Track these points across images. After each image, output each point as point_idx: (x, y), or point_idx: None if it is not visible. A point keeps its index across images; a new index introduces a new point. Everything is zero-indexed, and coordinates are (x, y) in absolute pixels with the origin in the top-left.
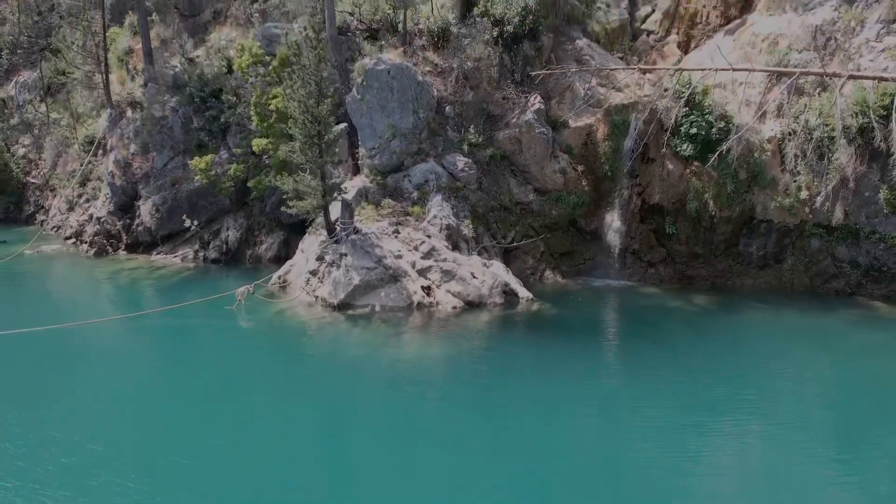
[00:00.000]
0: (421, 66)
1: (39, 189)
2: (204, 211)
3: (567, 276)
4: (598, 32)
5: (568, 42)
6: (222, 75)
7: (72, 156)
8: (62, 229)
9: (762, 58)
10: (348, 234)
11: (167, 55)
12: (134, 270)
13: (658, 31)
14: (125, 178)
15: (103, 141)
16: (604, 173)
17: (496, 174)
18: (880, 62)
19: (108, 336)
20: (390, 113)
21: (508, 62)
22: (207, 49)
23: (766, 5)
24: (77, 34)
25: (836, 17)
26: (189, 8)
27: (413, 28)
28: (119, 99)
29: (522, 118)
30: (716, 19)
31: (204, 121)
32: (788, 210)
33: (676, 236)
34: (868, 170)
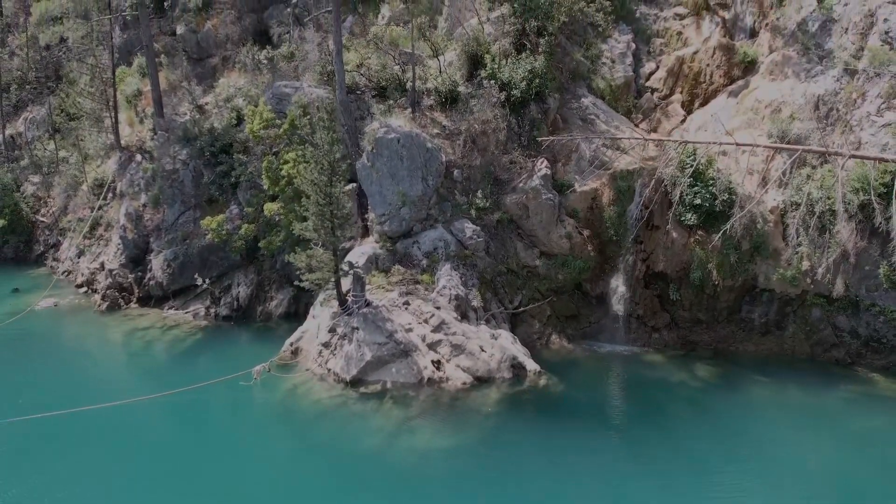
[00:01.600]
0: (429, 129)
1: (49, 228)
2: (215, 266)
3: (573, 340)
4: (602, 89)
5: (573, 100)
6: (232, 127)
7: (81, 198)
8: (73, 274)
9: (764, 125)
10: (360, 306)
11: (176, 100)
12: (147, 331)
13: (662, 90)
14: (136, 231)
15: (113, 185)
16: (609, 238)
17: (503, 238)
18: (881, 137)
19: (123, 419)
20: (400, 181)
21: (515, 125)
22: (216, 96)
23: (769, 69)
24: (85, 69)
25: (837, 87)
26: (197, 51)
27: (421, 87)
28: (128, 143)
29: (529, 183)
30: (719, 79)
31: (215, 175)
32: (790, 281)
33: (680, 302)
34: (868, 245)
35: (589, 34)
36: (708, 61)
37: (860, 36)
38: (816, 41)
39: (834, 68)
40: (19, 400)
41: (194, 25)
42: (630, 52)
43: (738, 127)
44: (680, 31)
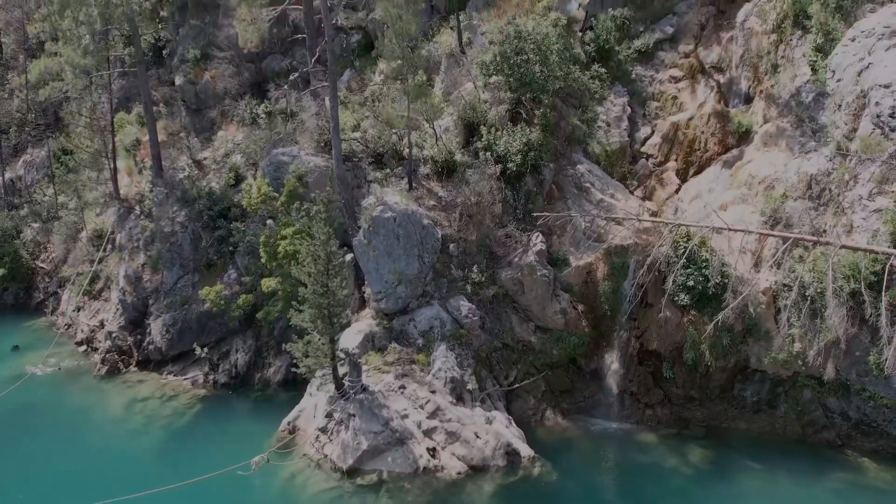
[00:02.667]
0: (426, 200)
1: (49, 275)
2: (213, 332)
3: (568, 415)
4: (598, 154)
5: (569, 166)
6: (230, 188)
7: (81, 250)
8: (73, 328)
9: (758, 201)
10: (356, 391)
11: (174, 153)
12: (146, 402)
13: (657, 156)
14: (135, 293)
15: (112, 236)
16: (603, 312)
17: (499, 312)
18: (872, 222)
19: None
20: (396, 259)
21: (511, 198)
22: (214, 150)
23: (763, 139)
24: (84, 112)
25: (830, 168)
26: (196, 102)
27: (418, 154)
28: (127, 193)
29: (525, 259)
30: (714, 147)
31: (213, 239)
32: (782, 364)
33: (673, 380)
34: (859, 331)
35: (585, 97)
36: (703, 128)
37: (853, 117)
38: (810, 114)
39: (827, 146)
40: (19, 495)
41: (192, 77)
42: (625, 116)
43: (731, 201)
44: (675, 96)
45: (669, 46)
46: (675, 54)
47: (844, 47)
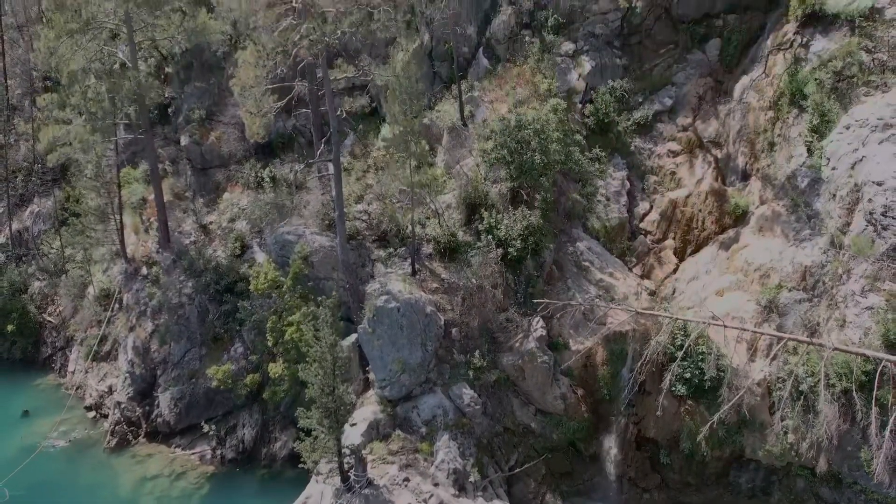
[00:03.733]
0: (429, 283)
1: (56, 330)
2: (220, 405)
3: (567, 498)
4: (598, 230)
5: (569, 243)
6: (235, 258)
7: (88, 309)
8: (81, 390)
9: (753, 289)
10: (361, 486)
11: (180, 214)
12: (156, 481)
13: (655, 233)
14: (143, 364)
15: (119, 296)
16: (602, 397)
17: (500, 396)
18: (864, 319)
19: None
20: (400, 348)
21: (512, 282)
22: (220, 214)
23: (759, 223)
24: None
25: (824, 260)
26: (201, 162)
27: (421, 233)
28: (133, 252)
29: (525, 345)
30: (711, 225)
31: (220, 313)
32: (777, 457)
33: (670, 466)
34: (851, 427)
35: (585, 172)
36: (700, 206)
37: (847, 210)
38: (806, 199)
39: (821, 235)
40: None
41: (198, 138)
42: (624, 191)
43: (727, 287)
44: (673, 171)
45: (668, 118)
46: (674, 127)
47: (839, 135)
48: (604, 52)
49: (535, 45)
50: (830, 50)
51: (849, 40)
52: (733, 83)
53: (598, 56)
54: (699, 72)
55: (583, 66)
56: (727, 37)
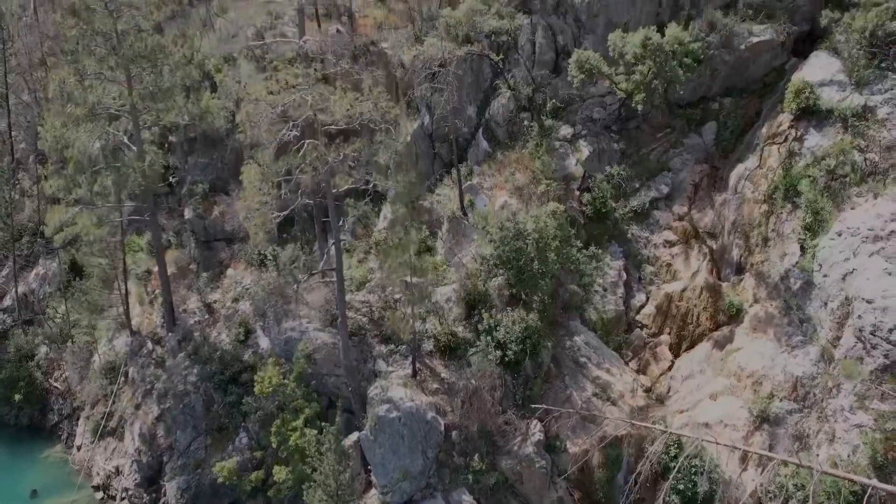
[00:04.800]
0: (429, 384)
1: (63, 396)
2: (226, 496)
3: None
4: (595, 321)
5: (566, 336)
6: (239, 343)
7: (93, 381)
8: (89, 464)
9: (746, 395)
10: None
11: (184, 291)
12: None
13: (651, 327)
14: (150, 452)
15: (125, 369)
16: (599, 500)
17: (499, 498)
18: (852, 437)
19: None
20: (401, 457)
21: (510, 383)
22: (224, 292)
23: (752, 324)
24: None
25: (815, 372)
26: (205, 235)
27: (422, 329)
28: (139, 324)
29: (524, 450)
30: (706, 321)
31: (224, 404)
32: None
33: None
34: None
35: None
36: (695, 301)
37: (837, 325)
38: (798, 302)
39: (812, 345)
40: None
41: (201, 211)
42: (621, 282)
43: (721, 391)
44: (669, 263)
45: (665, 205)
46: (670, 215)
47: (831, 241)
48: (602, 136)
49: (533, 128)
50: (824, 147)
51: (842, 138)
52: (729, 171)
53: (595, 141)
54: (695, 157)
55: (581, 152)
56: (723, 121)
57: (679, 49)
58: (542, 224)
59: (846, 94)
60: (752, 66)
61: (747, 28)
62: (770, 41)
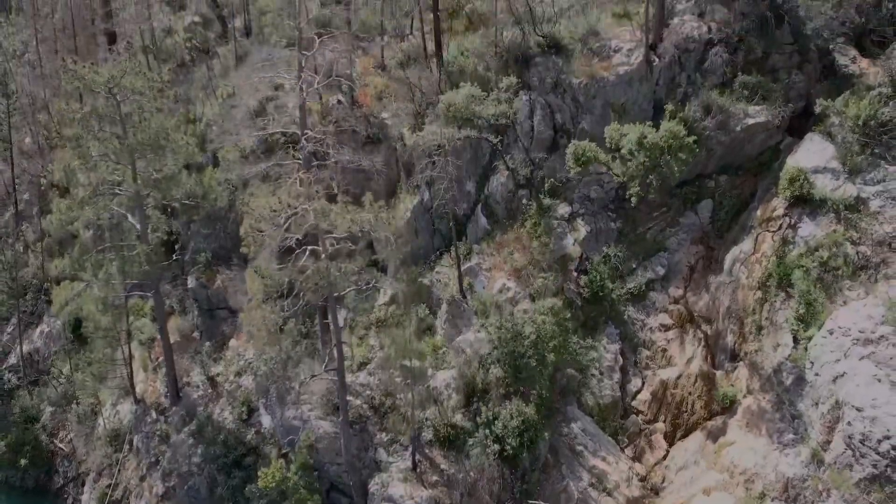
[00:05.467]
0: (429, 476)
1: (68, 458)
2: None
3: None
4: (591, 406)
5: (563, 423)
6: (242, 422)
7: (98, 447)
8: None
9: (739, 492)
10: None
11: (188, 362)
12: None
13: (647, 413)
14: None
15: (130, 437)
16: None
17: None
18: None
19: None
20: None
21: (509, 476)
22: (226, 365)
23: (745, 417)
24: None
25: (805, 474)
26: (208, 304)
27: (421, 416)
28: (143, 391)
29: None
30: (700, 410)
31: (228, 487)
32: None
33: None
34: None
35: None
36: (690, 389)
37: (828, 429)
38: (790, 397)
39: (804, 444)
40: None
41: (204, 280)
42: (618, 367)
43: (713, 486)
44: (665, 348)
45: (661, 287)
46: (666, 297)
47: (823, 339)
48: (599, 216)
49: (531, 206)
50: (817, 237)
51: (835, 229)
52: (724, 252)
53: (593, 220)
54: (691, 236)
55: (578, 231)
56: (719, 200)
57: (674, 143)
58: (540, 322)
59: (839, 182)
60: (747, 145)
61: (743, 109)
62: (765, 123)
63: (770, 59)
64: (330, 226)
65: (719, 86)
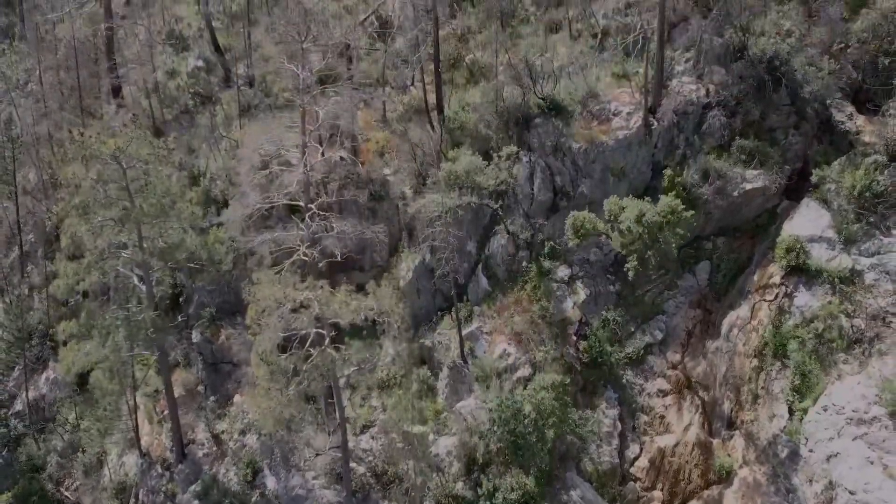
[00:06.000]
0: None
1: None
2: None
3: None
4: (590, 472)
5: (563, 490)
6: (247, 483)
7: (104, 500)
8: None
9: None
10: None
11: (192, 418)
12: None
13: (645, 480)
14: None
15: (136, 491)
16: None
17: None
18: None
19: None
20: None
21: None
22: (231, 422)
23: (741, 490)
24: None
25: None
26: (213, 358)
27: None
28: (148, 444)
29: None
30: (697, 479)
31: None
32: None
33: None
34: None
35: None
36: (687, 457)
37: None
38: (785, 471)
39: None
40: None
41: (209, 335)
42: (616, 433)
43: None
44: (663, 415)
45: (659, 351)
46: (664, 361)
47: (818, 415)
48: (598, 279)
49: (532, 269)
50: (813, 308)
51: (830, 300)
52: (721, 317)
53: (592, 283)
54: (689, 299)
55: (578, 294)
56: (716, 263)
57: (672, 219)
58: (539, 399)
59: (835, 253)
60: (744, 208)
61: (740, 173)
62: (763, 188)
63: (767, 119)
64: (334, 315)
65: (717, 148)
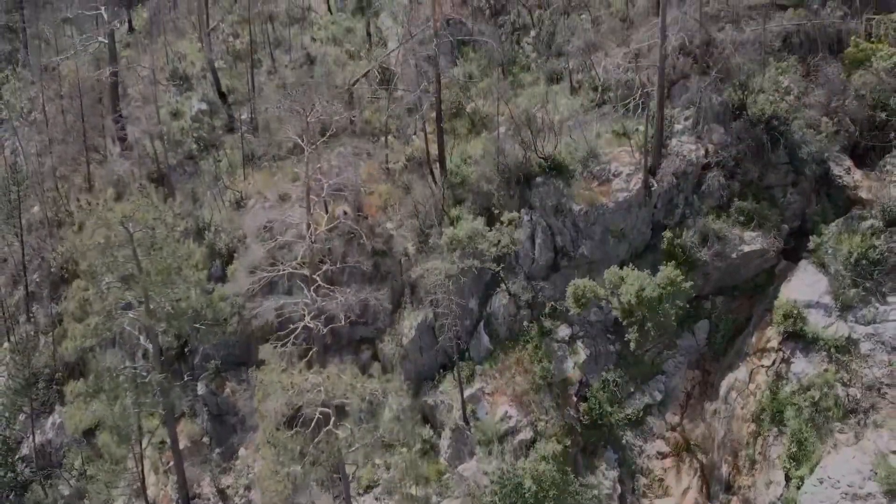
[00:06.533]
0: None
1: None
2: None
3: None
4: None
5: None
6: None
7: None
8: None
9: None
10: None
11: (198, 471)
12: None
13: None
14: None
15: None
16: None
17: None
18: None
19: None
20: None
21: None
22: (236, 476)
23: None
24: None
25: None
26: (217, 410)
27: None
28: (154, 497)
29: None
30: None
31: None
32: None
33: None
34: None
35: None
36: None
37: None
38: None
39: None
40: None
41: (214, 387)
42: (616, 496)
43: None
44: (661, 478)
45: (658, 412)
46: (663, 423)
47: (813, 487)
48: (599, 339)
49: (533, 328)
50: (809, 376)
51: (826, 369)
52: (720, 378)
53: (593, 344)
54: (688, 360)
55: (578, 354)
56: (715, 323)
57: (671, 290)
58: (540, 472)
59: (832, 319)
60: (743, 269)
61: (739, 235)
62: (761, 250)
63: (766, 178)
64: (341, 399)
65: (716, 209)
